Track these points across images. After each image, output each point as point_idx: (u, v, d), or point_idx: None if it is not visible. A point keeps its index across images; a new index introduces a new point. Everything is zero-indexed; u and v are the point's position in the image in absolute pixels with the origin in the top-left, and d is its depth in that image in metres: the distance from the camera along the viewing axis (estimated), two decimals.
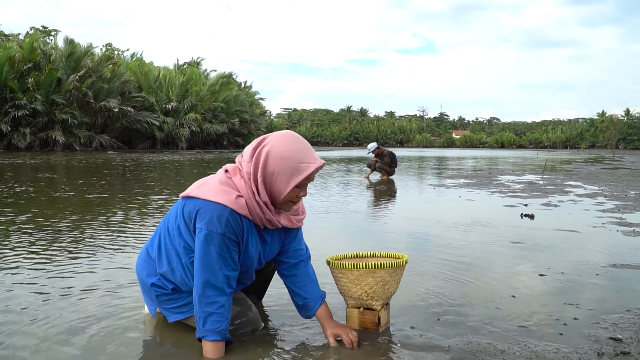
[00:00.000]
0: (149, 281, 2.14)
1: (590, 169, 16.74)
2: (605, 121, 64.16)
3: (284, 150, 1.93)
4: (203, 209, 1.92)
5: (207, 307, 1.92)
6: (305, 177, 1.93)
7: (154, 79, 42.22)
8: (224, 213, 1.90)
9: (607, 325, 2.32)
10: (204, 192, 1.95)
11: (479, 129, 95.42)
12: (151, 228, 4.70)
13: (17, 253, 3.61)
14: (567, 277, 3.14)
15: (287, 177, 1.93)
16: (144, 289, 2.21)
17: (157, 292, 2.13)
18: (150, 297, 2.20)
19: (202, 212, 1.92)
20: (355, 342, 2.07)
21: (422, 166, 18.63)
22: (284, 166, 1.93)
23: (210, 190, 1.95)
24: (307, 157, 1.95)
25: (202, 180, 2.05)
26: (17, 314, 2.38)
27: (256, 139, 2.01)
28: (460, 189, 8.99)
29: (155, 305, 2.21)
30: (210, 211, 1.91)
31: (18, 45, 33.16)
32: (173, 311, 2.15)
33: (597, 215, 5.83)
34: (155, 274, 2.12)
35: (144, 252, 2.22)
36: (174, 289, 2.11)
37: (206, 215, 1.91)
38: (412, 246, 4.07)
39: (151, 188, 8.57)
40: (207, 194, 1.93)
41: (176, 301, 2.12)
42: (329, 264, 2.27)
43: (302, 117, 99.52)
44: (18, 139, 30.21)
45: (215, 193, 1.93)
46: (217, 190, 1.94)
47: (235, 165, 2.03)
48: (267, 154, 1.93)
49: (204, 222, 1.91)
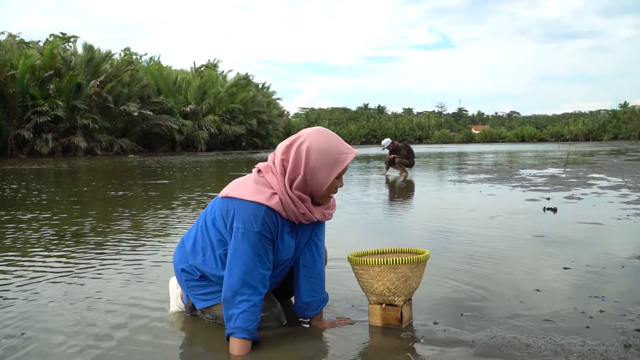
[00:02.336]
0: (180, 267, 2.24)
1: (614, 160, 16.47)
2: (627, 112, 63.06)
3: (322, 143, 1.99)
4: (240, 208, 1.99)
5: (240, 305, 1.96)
6: (345, 166, 2.01)
7: (173, 82, 42.63)
8: (259, 211, 1.96)
9: (633, 317, 2.28)
10: (240, 192, 2.02)
11: (498, 123, 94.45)
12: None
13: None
14: (591, 269, 3.10)
15: (328, 169, 2.00)
16: (177, 275, 2.30)
17: (186, 277, 2.22)
18: (182, 283, 2.28)
19: (238, 212, 1.98)
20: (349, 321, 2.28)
21: (441, 162, 18.52)
22: (324, 159, 1.99)
23: (245, 189, 2.02)
24: (344, 148, 2.03)
25: (239, 180, 2.12)
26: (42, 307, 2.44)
27: (289, 137, 2.08)
28: (481, 184, 8.92)
29: (186, 293, 2.28)
30: (246, 210, 1.97)
31: (38, 53, 33.73)
32: (200, 298, 2.21)
33: (621, 207, 5.74)
34: (187, 261, 2.21)
35: (181, 240, 2.32)
36: (201, 276, 2.18)
37: (242, 215, 1.97)
38: (434, 241, 4.05)
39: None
40: (243, 194, 2.00)
41: (204, 288, 2.19)
42: (350, 261, 2.28)
43: (320, 116, 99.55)
44: (41, 145, 30.77)
45: (251, 192, 1.99)
46: (252, 189, 2.00)
47: (267, 164, 2.08)
48: (308, 150, 1.98)
49: (241, 221, 1.97)
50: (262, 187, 2.00)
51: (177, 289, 2.43)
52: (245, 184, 2.05)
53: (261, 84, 55.35)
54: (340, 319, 2.32)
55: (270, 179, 2.03)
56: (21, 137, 30.93)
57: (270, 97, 56.20)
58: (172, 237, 4.40)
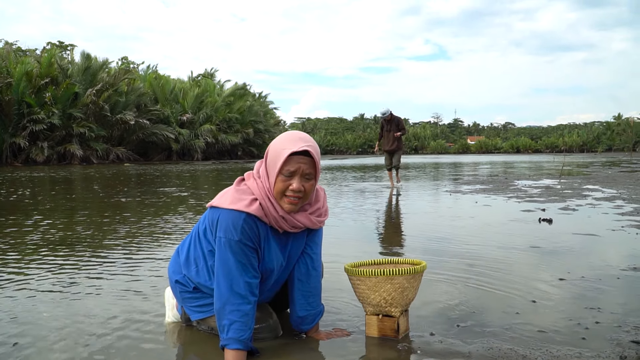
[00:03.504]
0: (174, 278, 2.23)
1: (608, 172, 16.55)
2: (621, 124, 63.38)
3: (276, 141, 2.01)
4: (221, 217, 1.97)
5: (231, 315, 1.94)
6: (282, 162, 1.92)
7: (170, 91, 42.68)
8: (238, 220, 1.94)
9: (629, 329, 2.29)
10: (222, 201, 2.00)
11: (494, 134, 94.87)
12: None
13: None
14: (587, 281, 3.11)
15: (273, 166, 1.97)
16: (171, 285, 2.30)
17: (180, 289, 2.22)
18: (176, 295, 2.27)
19: (220, 221, 1.97)
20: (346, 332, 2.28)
21: (437, 172, 18.56)
22: (271, 155, 1.99)
23: (226, 198, 2.00)
24: (289, 144, 1.94)
25: (225, 190, 2.10)
26: (36, 319, 2.42)
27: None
28: (476, 195, 8.94)
29: (181, 305, 2.28)
30: (227, 219, 1.95)
31: (35, 61, 33.73)
32: (195, 309, 2.20)
33: (616, 218, 5.76)
34: (180, 272, 2.21)
35: (175, 253, 2.31)
36: (195, 288, 2.18)
37: (224, 224, 1.96)
38: (430, 252, 4.06)
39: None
40: (224, 203, 1.98)
41: (198, 300, 2.18)
42: (347, 271, 2.28)
43: (316, 126, 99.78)
44: (36, 153, 30.69)
45: (230, 201, 1.97)
46: (232, 197, 1.98)
47: (251, 171, 2.08)
48: (268, 149, 2.02)
49: (222, 231, 1.96)
50: (242, 195, 1.98)
51: (173, 299, 2.41)
52: (227, 192, 2.03)
53: (258, 94, 55.52)
54: (336, 330, 2.32)
55: (251, 184, 2.01)
56: (16, 145, 30.86)
57: (267, 107, 56.34)
58: (168, 246, 4.39)
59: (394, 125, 11.00)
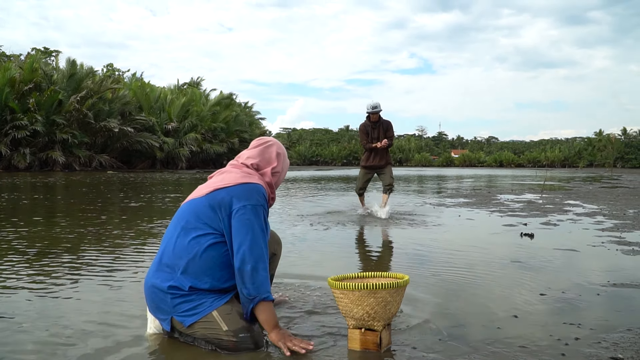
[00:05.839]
0: (165, 285, 2.20)
1: (589, 187, 16.77)
2: (602, 140, 64.32)
3: (285, 152, 2.57)
4: (238, 190, 2.22)
5: (265, 272, 2.16)
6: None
7: (155, 100, 42.44)
8: (259, 189, 2.26)
9: (608, 345, 2.32)
10: (231, 180, 2.25)
11: (477, 148, 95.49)
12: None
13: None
14: (567, 296, 3.15)
15: (287, 169, 2.54)
16: (158, 298, 2.23)
17: (173, 295, 2.18)
18: (164, 307, 2.23)
19: (238, 193, 2.21)
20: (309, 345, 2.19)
21: (421, 185, 18.65)
22: (287, 163, 2.54)
23: (237, 177, 2.27)
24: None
25: (214, 180, 2.34)
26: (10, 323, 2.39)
27: (258, 141, 2.51)
28: (459, 208, 9.01)
29: (169, 316, 2.23)
30: (249, 190, 2.23)
31: (19, 66, 33.37)
32: (189, 314, 2.19)
33: (597, 234, 5.84)
34: (171, 278, 2.19)
35: (156, 262, 2.30)
36: (191, 287, 2.17)
37: (245, 194, 2.21)
38: (412, 266, 4.08)
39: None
40: (235, 180, 2.24)
41: (192, 302, 2.18)
42: (330, 284, 2.28)
43: (302, 136, 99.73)
44: (18, 159, 30.24)
45: (243, 177, 2.27)
46: (243, 175, 2.29)
47: (236, 163, 2.43)
48: (284, 155, 2.51)
49: (244, 199, 2.19)
50: (251, 174, 2.32)
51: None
52: (230, 175, 2.30)
53: (244, 103, 55.46)
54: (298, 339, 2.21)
55: (250, 171, 2.36)
56: None
57: (253, 117, 56.27)
58: (150, 255, 4.35)
59: (381, 130, 7.70)
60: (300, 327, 2.54)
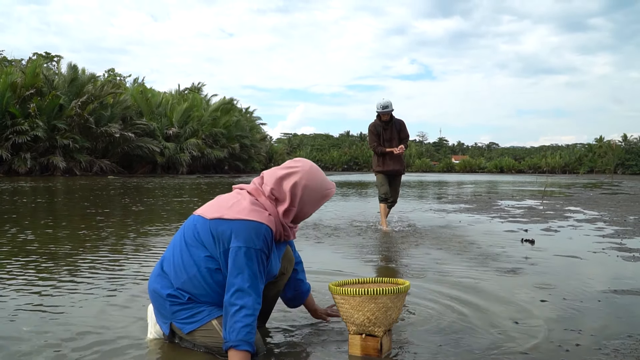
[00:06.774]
0: (165, 292, 2.20)
1: (590, 194, 16.77)
2: (603, 146, 64.32)
3: (316, 182, 2.25)
4: (240, 228, 2.09)
5: (246, 319, 2.03)
6: (325, 200, 2.30)
7: (156, 105, 42.51)
8: (260, 230, 2.10)
9: (608, 352, 2.32)
10: (236, 213, 2.12)
11: (478, 154, 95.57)
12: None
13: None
14: (568, 303, 3.15)
15: (317, 203, 2.28)
16: (158, 303, 2.25)
17: (172, 303, 2.19)
18: (164, 311, 2.23)
19: (238, 231, 2.09)
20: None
21: (422, 191, 18.65)
22: (316, 196, 2.26)
23: (243, 210, 2.13)
24: (328, 184, 2.30)
25: (224, 201, 2.22)
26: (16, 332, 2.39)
27: (281, 168, 2.27)
28: (460, 214, 9.01)
29: (169, 321, 2.23)
30: (248, 229, 2.09)
31: (20, 71, 33.42)
32: (187, 321, 2.19)
33: (597, 240, 5.84)
34: (171, 286, 2.20)
35: (158, 267, 2.30)
36: (189, 299, 2.17)
37: (244, 234, 2.09)
38: (413, 272, 4.07)
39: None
40: (241, 214, 2.12)
41: (190, 310, 2.18)
42: (331, 290, 2.28)
43: (302, 142, 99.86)
44: (19, 164, 30.25)
45: (249, 212, 2.12)
46: (250, 210, 2.13)
47: (255, 187, 2.26)
48: (305, 188, 2.22)
49: (242, 240, 2.07)
50: (259, 209, 2.16)
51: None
52: (239, 205, 2.16)
53: (245, 109, 55.52)
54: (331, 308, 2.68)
55: (264, 202, 2.20)
56: None
57: (254, 122, 56.30)
58: (151, 260, 4.35)
59: (394, 130, 7.02)
60: (301, 332, 2.54)
